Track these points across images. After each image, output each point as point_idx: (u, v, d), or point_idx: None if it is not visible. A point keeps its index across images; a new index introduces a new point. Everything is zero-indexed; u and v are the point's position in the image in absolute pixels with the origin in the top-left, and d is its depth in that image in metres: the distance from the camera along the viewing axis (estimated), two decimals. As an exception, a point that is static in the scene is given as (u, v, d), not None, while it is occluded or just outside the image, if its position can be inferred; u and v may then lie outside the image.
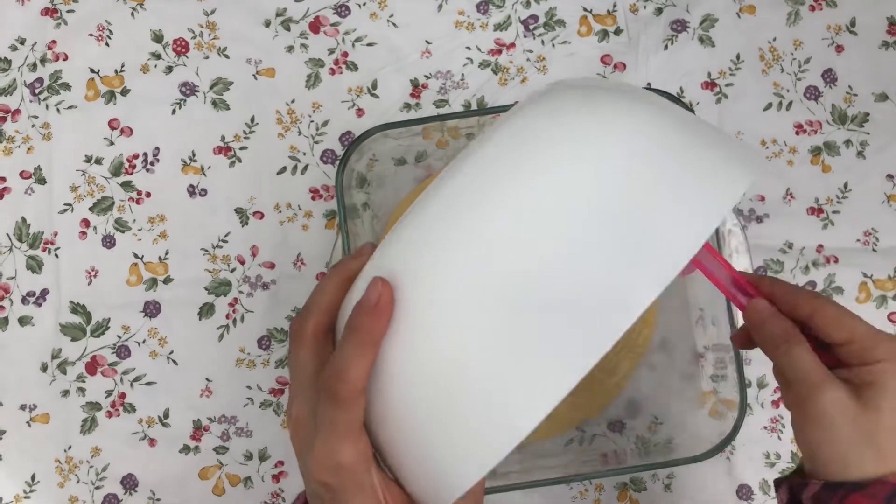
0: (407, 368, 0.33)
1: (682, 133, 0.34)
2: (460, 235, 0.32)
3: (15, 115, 0.65)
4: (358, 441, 0.35)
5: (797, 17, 0.66)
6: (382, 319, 0.34)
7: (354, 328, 0.34)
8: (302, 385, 0.37)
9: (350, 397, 0.34)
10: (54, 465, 0.63)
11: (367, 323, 0.34)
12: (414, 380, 0.33)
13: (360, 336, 0.34)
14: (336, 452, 0.35)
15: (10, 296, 0.64)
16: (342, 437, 0.34)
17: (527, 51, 0.65)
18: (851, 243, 0.65)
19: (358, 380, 0.34)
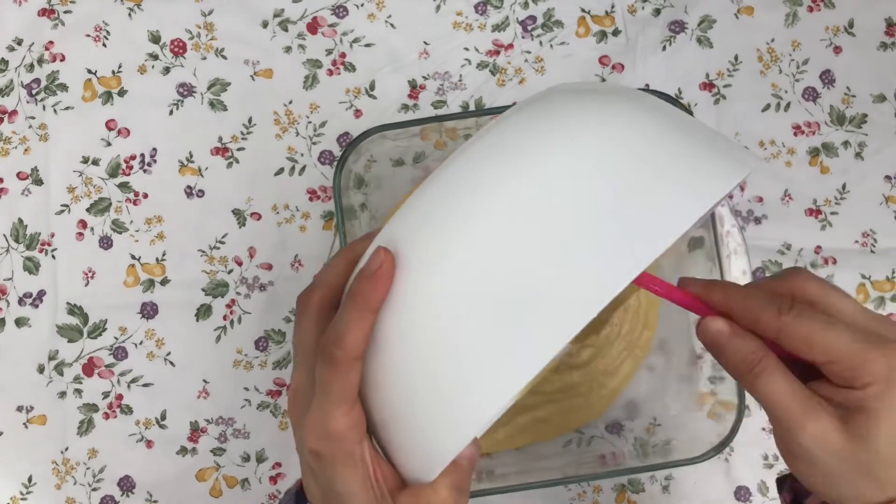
0: (398, 338, 0.34)
1: (672, 129, 0.35)
2: (460, 215, 0.34)
3: (12, 115, 0.64)
4: (351, 410, 0.35)
5: (795, 18, 0.66)
6: (381, 286, 0.34)
7: (354, 294, 0.34)
8: (303, 354, 0.38)
9: (346, 361, 0.34)
10: (51, 467, 0.63)
11: (367, 289, 0.34)
12: (404, 350, 0.34)
13: (359, 302, 0.34)
14: (329, 417, 0.35)
15: (6, 297, 0.63)
16: (336, 403, 0.35)
17: (525, 52, 0.65)
18: (850, 244, 0.65)
19: (354, 344, 0.34)
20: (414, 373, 0.34)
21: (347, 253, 0.39)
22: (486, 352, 0.32)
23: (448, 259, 0.33)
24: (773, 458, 0.64)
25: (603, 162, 0.33)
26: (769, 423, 0.39)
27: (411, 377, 0.34)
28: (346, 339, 0.34)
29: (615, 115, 0.35)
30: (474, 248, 0.33)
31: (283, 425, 0.63)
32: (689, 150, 0.35)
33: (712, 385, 0.58)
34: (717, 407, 0.57)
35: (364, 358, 0.35)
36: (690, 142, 0.35)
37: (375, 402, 0.36)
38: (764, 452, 0.64)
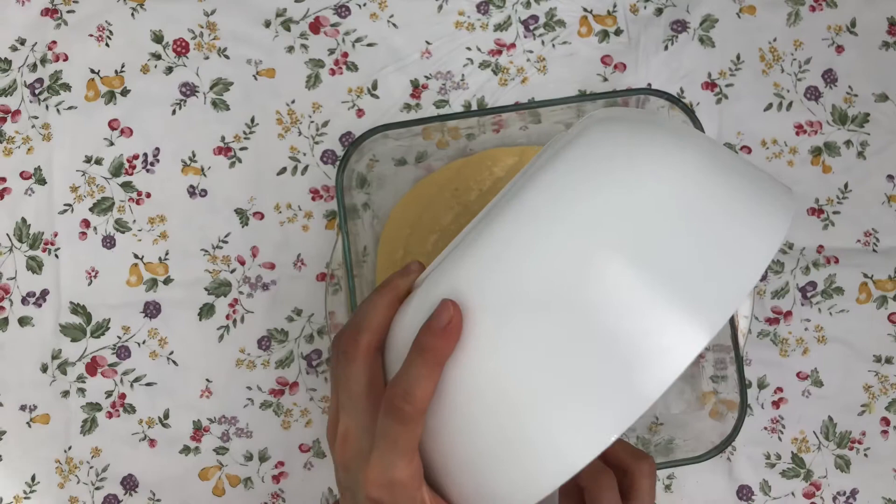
0: (465, 390, 0.34)
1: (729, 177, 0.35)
2: (525, 268, 0.33)
3: (15, 115, 0.64)
4: (413, 459, 0.35)
5: (797, 18, 0.66)
6: (451, 341, 0.34)
7: (423, 348, 0.34)
8: (352, 399, 0.37)
9: (414, 416, 0.34)
10: (54, 466, 0.63)
11: (436, 344, 0.34)
12: (472, 403, 0.34)
13: (429, 356, 0.34)
14: (393, 468, 0.35)
15: (10, 296, 0.63)
16: (400, 455, 0.35)
17: (527, 51, 0.65)
18: (852, 244, 0.65)
19: (424, 400, 0.34)
20: (482, 428, 0.33)
21: (390, 291, 0.39)
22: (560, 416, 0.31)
23: (520, 316, 0.32)
24: (775, 457, 0.64)
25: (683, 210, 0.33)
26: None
27: (478, 432, 0.33)
28: (415, 395, 0.34)
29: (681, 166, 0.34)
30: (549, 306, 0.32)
31: (286, 424, 0.63)
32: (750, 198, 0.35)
33: (714, 384, 0.58)
34: (719, 406, 0.57)
35: None
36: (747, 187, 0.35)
37: (436, 448, 0.35)
38: (766, 452, 0.64)
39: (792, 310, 0.64)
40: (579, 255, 0.32)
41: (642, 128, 0.37)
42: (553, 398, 0.32)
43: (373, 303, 0.39)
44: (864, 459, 0.64)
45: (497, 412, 0.33)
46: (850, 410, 0.64)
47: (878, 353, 0.64)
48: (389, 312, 0.38)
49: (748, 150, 0.65)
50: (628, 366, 0.31)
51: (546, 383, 0.32)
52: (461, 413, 0.34)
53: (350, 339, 0.38)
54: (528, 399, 0.32)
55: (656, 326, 0.31)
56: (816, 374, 0.64)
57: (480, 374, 0.33)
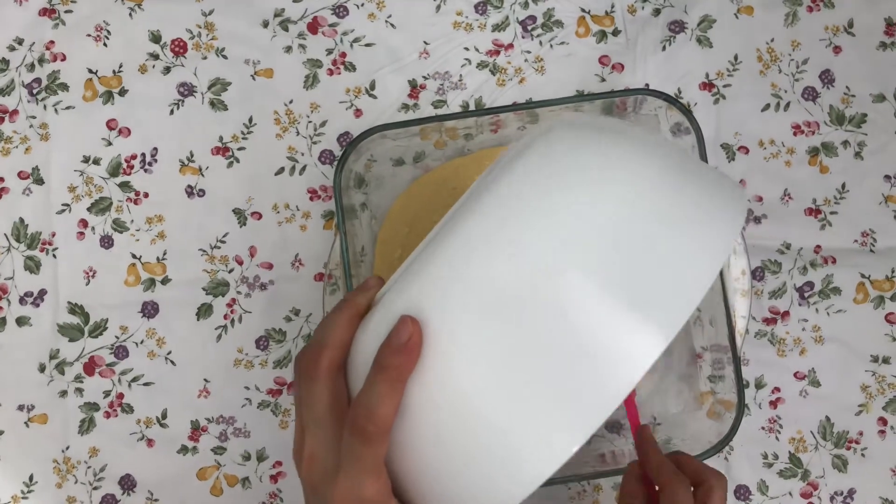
0: (429, 406, 0.34)
1: (680, 177, 0.35)
2: (481, 277, 0.33)
3: (13, 115, 0.64)
4: (380, 477, 0.35)
5: (795, 18, 0.66)
6: (412, 358, 0.34)
7: (384, 366, 0.34)
8: (316, 420, 0.37)
9: (378, 435, 0.34)
10: (52, 466, 0.63)
11: (397, 362, 0.34)
12: (435, 418, 0.33)
13: (390, 374, 0.34)
14: (360, 487, 0.35)
15: (7, 296, 0.63)
16: (367, 474, 0.35)
17: (525, 51, 0.65)
18: (849, 244, 0.65)
19: (387, 418, 0.34)
20: (447, 443, 0.33)
21: (349, 308, 0.38)
22: (524, 427, 0.31)
23: (479, 328, 0.32)
24: (772, 457, 0.64)
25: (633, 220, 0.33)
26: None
27: (444, 447, 0.33)
28: (379, 414, 0.34)
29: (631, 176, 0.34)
30: (506, 316, 0.32)
31: (284, 424, 0.63)
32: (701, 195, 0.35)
33: (712, 384, 0.58)
34: (716, 406, 0.57)
35: None
36: (696, 185, 0.35)
37: (403, 464, 0.35)
38: (763, 451, 0.64)
39: (789, 310, 0.64)
40: (533, 270, 0.32)
41: (592, 137, 0.37)
42: (514, 412, 0.32)
43: (332, 320, 0.38)
44: (862, 459, 0.64)
45: (460, 426, 0.33)
46: (848, 410, 0.64)
47: (876, 353, 0.64)
48: (350, 330, 0.38)
49: (746, 150, 0.65)
50: (588, 376, 0.31)
51: (506, 397, 0.32)
52: (425, 428, 0.34)
53: (311, 359, 0.38)
54: (490, 413, 0.32)
55: (613, 336, 0.31)
56: (814, 374, 0.64)
57: (442, 389, 0.33)
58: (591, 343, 0.31)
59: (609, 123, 0.40)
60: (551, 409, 0.31)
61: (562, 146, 0.36)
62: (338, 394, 0.37)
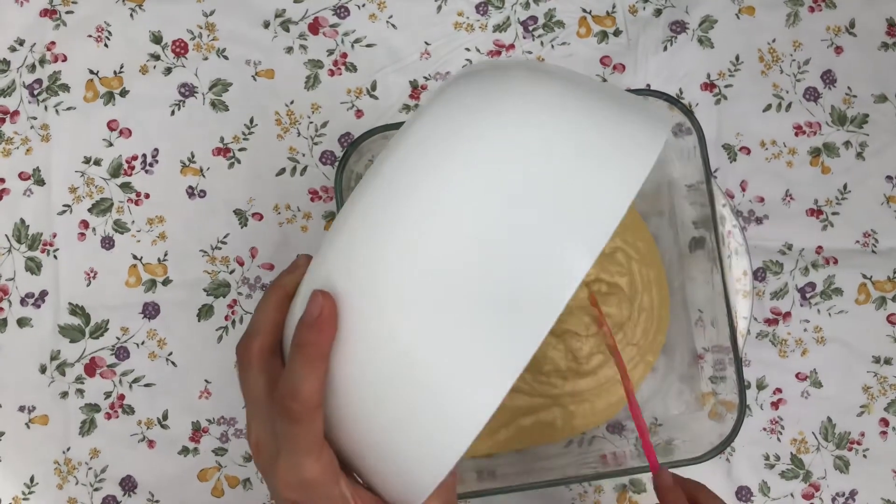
0: (359, 374, 0.33)
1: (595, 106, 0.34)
2: (393, 235, 0.32)
3: (14, 116, 0.64)
4: (321, 454, 0.35)
5: (796, 19, 0.66)
6: (327, 332, 0.33)
7: (300, 344, 0.33)
8: (257, 406, 0.37)
9: (306, 414, 0.34)
10: (53, 467, 0.63)
11: (312, 337, 0.33)
12: (368, 385, 0.33)
13: (307, 351, 0.33)
14: (300, 468, 0.34)
15: (8, 297, 0.63)
16: (304, 453, 0.34)
17: (526, 52, 0.65)
18: (851, 244, 0.65)
19: (311, 396, 0.33)
20: (383, 407, 0.33)
21: (278, 290, 0.38)
22: (454, 376, 0.31)
23: (392, 288, 0.32)
24: (774, 458, 0.64)
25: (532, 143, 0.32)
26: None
27: (381, 412, 0.33)
28: (302, 392, 0.33)
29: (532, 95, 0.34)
30: (418, 271, 0.31)
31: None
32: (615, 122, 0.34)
33: (713, 385, 0.58)
34: (718, 407, 0.57)
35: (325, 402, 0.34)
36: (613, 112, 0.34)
37: (345, 436, 0.35)
38: (765, 452, 0.64)
39: (791, 311, 0.64)
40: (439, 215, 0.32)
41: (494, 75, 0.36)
42: (439, 364, 0.31)
43: (262, 305, 0.38)
44: (863, 460, 0.64)
45: (388, 391, 0.32)
46: (849, 411, 0.64)
47: (878, 354, 0.64)
48: (279, 312, 0.38)
49: (747, 150, 0.65)
50: (512, 308, 0.30)
51: (429, 350, 0.31)
52: (356, 398, 0.33)
53: (243, 346, 0.38)
54: (416, 370, 0.32)
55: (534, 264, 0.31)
56: (815, 375, 0.64)
57: (363, 357, 0.33)
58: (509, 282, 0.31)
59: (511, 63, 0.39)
60: (478, 352, 0.31)
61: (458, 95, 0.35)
62: (273, 378, 0.37)
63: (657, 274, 0.62)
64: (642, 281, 0.61)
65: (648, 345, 0.62)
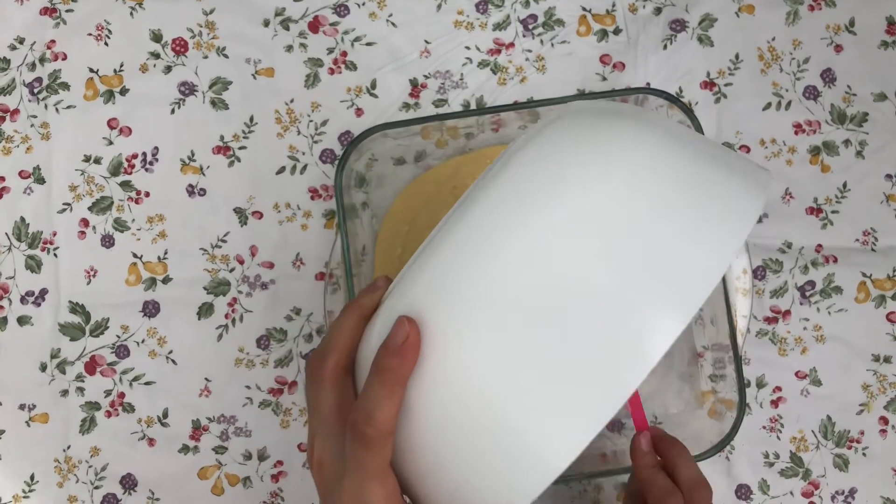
0: (434, 406, 0.33)
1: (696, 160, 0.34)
2: (486, 269, 0.32)
3: (14, 114, 0.64)
4: (386, 480, 0.35)
5: (796, 17, 0.66)
6: (409, 360, 0.33)
7: (381, 369, 0.33)
8: (324, 424, 0.37)
9: (379, 439, 0.34)
10: (53, 465, 0.63)
11: (394, 364, 0.33)
12: (442, 418, 0.33)
13: (388, 377, 0.33)
14: (365, 492, 0.35)
15: (8, 295, 0.63)
16: (371, 478, 0.34)
17: (526, 50, 0.65)
18: (850, 243, 0.65)
19: (386, 422, 0.34)
20: (454, 442, 0.33)
21: (356, 310, 0.38)
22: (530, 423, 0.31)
23: (479, 325, 0.31)
24: (773, 456, 0.64)
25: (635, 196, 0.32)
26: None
27: (451, 446, 0.33)
28: (378, 417, 0.33)
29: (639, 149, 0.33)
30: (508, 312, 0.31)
31: (285, 423, 0.63)
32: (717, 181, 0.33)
33: (713, 383, 0.58)
34: (717, 405, 0.57)
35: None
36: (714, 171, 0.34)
37: (410, 465, 0.35)
38: (765, 451, 0.64)
39: (791, 309, 0.64)
40: (535, 264, 0.31)
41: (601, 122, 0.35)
42: (521, 406, 0.31)
43: (339, 323, 0.38)
44: (863, 458, 0.64)
45: (466, 425, 0.32)
46: (849, 409, 0.64)
47: (877, 353, 0.64)
48: (356, 332, 0.38)
49: (747, 149, 0.65)
50: (600, 361, 0.30)
51: (512, 391, 0.31)
52: (431, 428, 0.33)
53: (317, 363, 0.38)
54: (496, 409, 0.31)
55: (626, 319, 0.30)
56: (815, 374, 0.64)
57: (443, 388, 0.33)
58: (600, 333, 0.30)
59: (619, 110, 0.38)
60: (562, 400, 0.30)
61: (563, 138, 0.34)
62: (344, 398, 0.37)
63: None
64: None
65: None
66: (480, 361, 0.32)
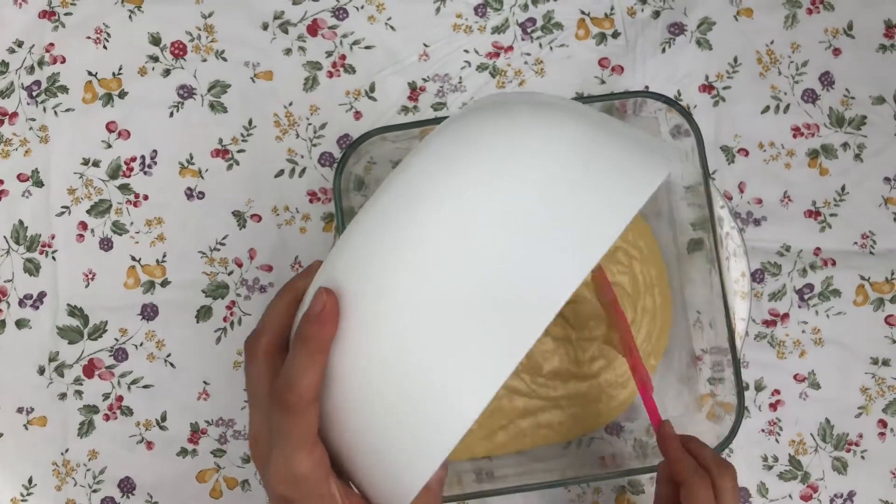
0: (354, 372, 0.34)
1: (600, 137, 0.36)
2: (396, 242, 0.34)
3: (12, 117, 0.64)
4: (313, 450, 0.35)
5: (794, 20, 0.66)
6: (327, 327, 0.34)
7: (301, 338, 0.34)
8: (257, 402, 0.38)
9: (301, 407, 0.34)
10: (51, 468, 0.63)
11: (313, 331, 0.34)
12: (361, 383, 0.34)
13: (307, 345, 0.34)
14: (292, 463, 0.35)
15: (7, 298, 0.63)
16: (297, 448, 0.35)
17: (524, 54, 0.65)
18: (849, 246, 0.65)
19: (308, 389, 0.34)
20: (375, 406, 0.33)
21: (289, 292, 0.39)
22: (444, 376, 0.32)
23: (393, 290, 0.33)
24: (772, 459, 0.64)
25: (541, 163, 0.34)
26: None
27: (372, 410, 0.33)
28: (300, 385, 0.34)
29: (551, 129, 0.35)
30: (419, 275, 0.33)
31: (284, 427, 0.63)
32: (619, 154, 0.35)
33: (712, 386, 0.58)
34: (716, 408, 0.57)
35: (320, 398, 0.35)
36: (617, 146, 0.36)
37: (337, 436, 0.35)
38: (763, 454, 0.64)
39: (789, 312, 0.64)
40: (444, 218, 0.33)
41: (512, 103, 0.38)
42: (428, 368, 0.32)
43: (272, 304, 0.39)
44: (862, 461, 0.64)
45: (380, 389, 0.33)
46: (848, 412, 0.64)
47: (875, 356, 0.64)
48: (289, 312, 0.38)
49: (745, 152, 0.65)
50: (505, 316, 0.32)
51: (419, 352, 0.32)
52: (350, 396, 0.34)
53: (251, 341, 0.38)
54: (406, 372, 0.32)
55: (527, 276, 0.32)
56: (813, 377, 0.64)
57: (362, 353, 0.34)
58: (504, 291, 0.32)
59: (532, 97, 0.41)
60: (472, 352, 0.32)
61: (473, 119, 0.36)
62: (276, 374, 0.38)
63: (659, 274, 0.62)
64: (644, 281, 0.61)
65: (652, 348, 0.62)
66: (391, 325, 0.33)
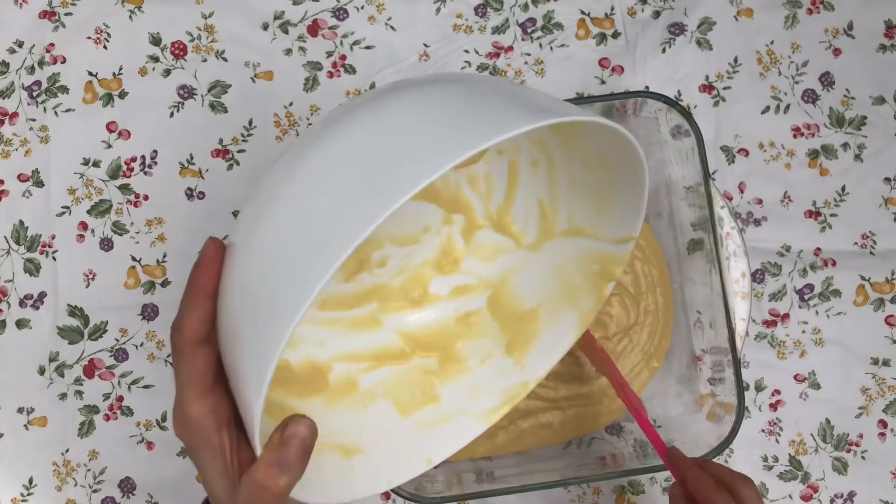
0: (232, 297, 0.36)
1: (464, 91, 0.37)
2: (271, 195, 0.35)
3: (13, 118, 0.64)
4: (205, 395, 0.36)
5: (795, 21, 0.66)
6: (208, 270, 0.36)
7: (187, 283, 0.37)
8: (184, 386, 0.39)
9: (187, 346, 0.36)
10: (52, 469, 0.63)
11: (195, 274, 0.36)
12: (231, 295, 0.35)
13: (191, 289, 0.36)
14: (185, 403, 0.36)
15: (7, 299, 0.63)
16: (188, 388, 0.36)
17: (525, 54, 0.65)
18: (849, 246, 0.65)
19: (192, 329, 0.36)
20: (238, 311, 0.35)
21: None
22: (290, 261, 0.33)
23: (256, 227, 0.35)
24: (772, 459, 0.64)
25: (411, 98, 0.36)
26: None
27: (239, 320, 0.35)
28: (185, 324, 0.36)
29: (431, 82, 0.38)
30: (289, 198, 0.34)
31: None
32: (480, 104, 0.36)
33: (712, 386, 0.58)
34: (716, 408, 0.57)
35: (212, 343, 0.36)
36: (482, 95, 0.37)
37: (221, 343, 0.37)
38: (763, 454, 0.64)
39: (789, 312, 0.64)
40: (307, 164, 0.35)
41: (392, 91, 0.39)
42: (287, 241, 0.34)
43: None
44: (862, 462, 0.64)
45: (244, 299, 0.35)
46: (848, 413, 0.64)
47: (876, 356, 0.64)
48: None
49: (745, 152, 0.65)
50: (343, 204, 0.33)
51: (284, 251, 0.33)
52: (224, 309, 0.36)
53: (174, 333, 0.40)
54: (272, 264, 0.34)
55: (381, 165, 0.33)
56: (814, 377, 0.64)
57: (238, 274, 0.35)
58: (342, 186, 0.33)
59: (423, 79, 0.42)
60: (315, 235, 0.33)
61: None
62: None
63: (660, 274, 0.62)
64: (646, 281, 0.61)
65: (654, 349, 0.62)
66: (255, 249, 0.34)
